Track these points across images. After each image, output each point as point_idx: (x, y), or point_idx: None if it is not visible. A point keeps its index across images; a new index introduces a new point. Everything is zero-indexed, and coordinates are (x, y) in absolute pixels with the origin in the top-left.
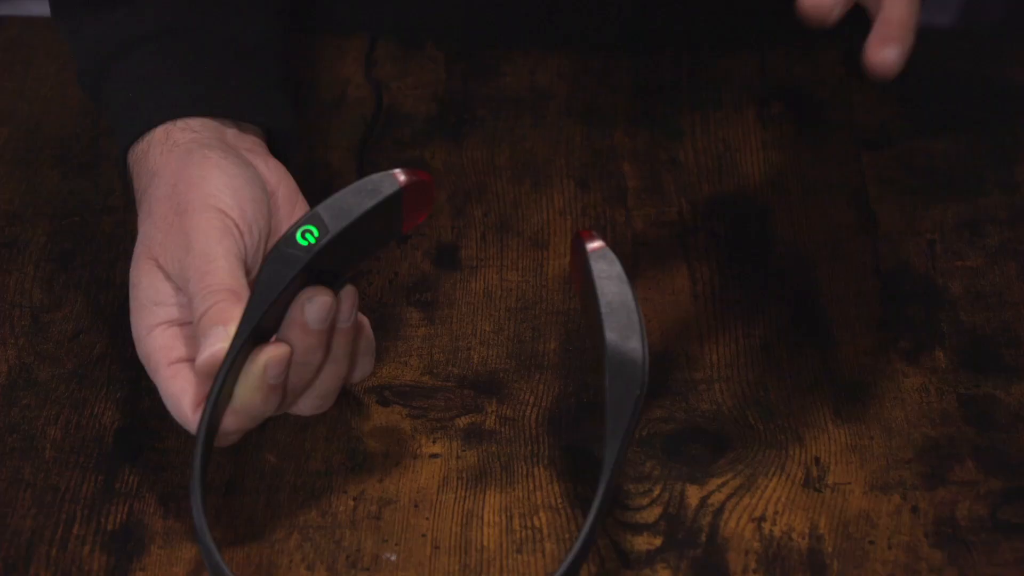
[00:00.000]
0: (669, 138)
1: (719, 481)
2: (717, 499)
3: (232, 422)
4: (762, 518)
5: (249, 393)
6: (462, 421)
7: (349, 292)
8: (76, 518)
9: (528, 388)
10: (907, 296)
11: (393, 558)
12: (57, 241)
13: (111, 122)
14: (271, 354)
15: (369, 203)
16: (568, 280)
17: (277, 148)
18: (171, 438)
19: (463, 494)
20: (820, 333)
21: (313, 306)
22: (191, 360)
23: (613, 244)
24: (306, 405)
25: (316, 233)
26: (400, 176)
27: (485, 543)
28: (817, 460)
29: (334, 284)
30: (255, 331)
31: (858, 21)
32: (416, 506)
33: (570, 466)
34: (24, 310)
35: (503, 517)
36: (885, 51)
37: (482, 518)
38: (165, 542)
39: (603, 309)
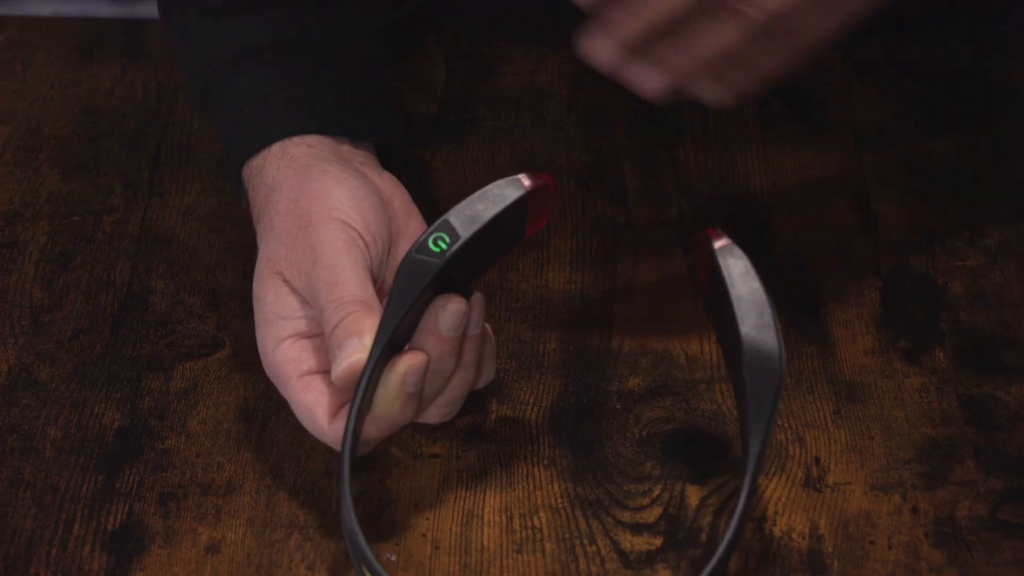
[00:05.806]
0: (669, 138)
1: (719, 481)
2: (717, 499)
3: (372, 431)
4: (762, 518)
5: (388, 402)
6: (462, 421)
7: (478, 299)
8: (76, 518)
9: (528, 388)
10: (907, 296)
11: (393, 558)
12: (57, 241)
13: (224, 134)
14: (409, 362)
15: (497, 208)
16: (569, 281)
17: (385, 161)
18: (171, 438)
19: (463, 494)
20: (820, 333)
21: (447, 314)
22: (321, 372)
23: (613, 244)
24: (434, 413)
25: (448, 240)
26: (525, 181)
27: (485, 543)
28: (817, 460)
29: (462, 291)
30: (390, 341)
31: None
32: (416, 506)
33: (570, 466)
34: (24, 310)
35: (503, 517)
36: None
37: (482, 518)
38: (165, 542)
39: (735, 304)
